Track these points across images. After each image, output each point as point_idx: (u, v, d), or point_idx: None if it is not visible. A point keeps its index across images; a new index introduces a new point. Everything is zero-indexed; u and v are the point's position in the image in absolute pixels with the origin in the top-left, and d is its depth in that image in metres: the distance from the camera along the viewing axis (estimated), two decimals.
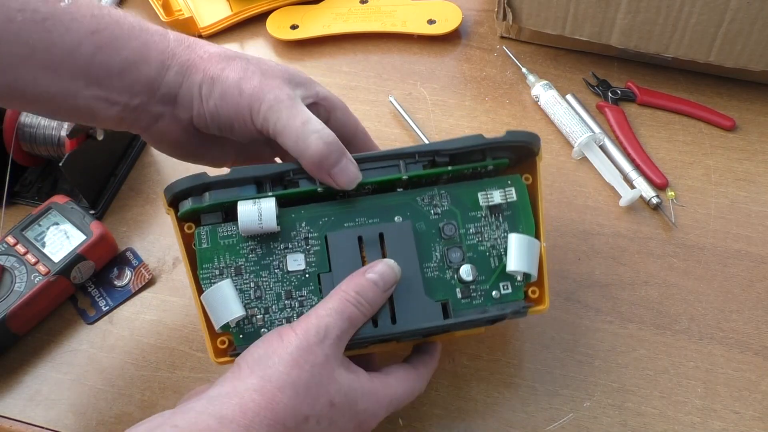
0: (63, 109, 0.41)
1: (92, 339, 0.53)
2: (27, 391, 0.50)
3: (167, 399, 0.49)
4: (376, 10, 0.69)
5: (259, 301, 0.42)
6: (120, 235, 0.57)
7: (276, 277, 0.42)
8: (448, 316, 0.41)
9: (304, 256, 0.42)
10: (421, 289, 0.42)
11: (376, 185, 0.43)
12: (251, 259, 0.42)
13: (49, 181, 0.61)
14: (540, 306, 0.42)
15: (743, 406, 0.47)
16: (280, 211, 0.42)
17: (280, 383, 0.36)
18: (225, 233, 0.42)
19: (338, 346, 0.39)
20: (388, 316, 0.41)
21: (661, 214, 0.56)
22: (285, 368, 0.37)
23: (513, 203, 0.43)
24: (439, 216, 0.43)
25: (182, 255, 0.43)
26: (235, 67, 0.41)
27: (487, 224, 0.43)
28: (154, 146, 0.46)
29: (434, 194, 0.44)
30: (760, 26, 0.54)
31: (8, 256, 0.52)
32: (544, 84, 0.62)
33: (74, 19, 0.38)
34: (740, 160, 0.58)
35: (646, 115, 0.61)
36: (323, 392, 0.37)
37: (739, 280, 0.52)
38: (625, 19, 0.58)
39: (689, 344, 0.50)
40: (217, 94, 0.41)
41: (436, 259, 0.43)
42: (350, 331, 0.39)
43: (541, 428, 0.47)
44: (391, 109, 0.63)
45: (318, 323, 0.38)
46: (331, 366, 0.38)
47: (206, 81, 0.41)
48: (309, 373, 0.37)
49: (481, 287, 0.42)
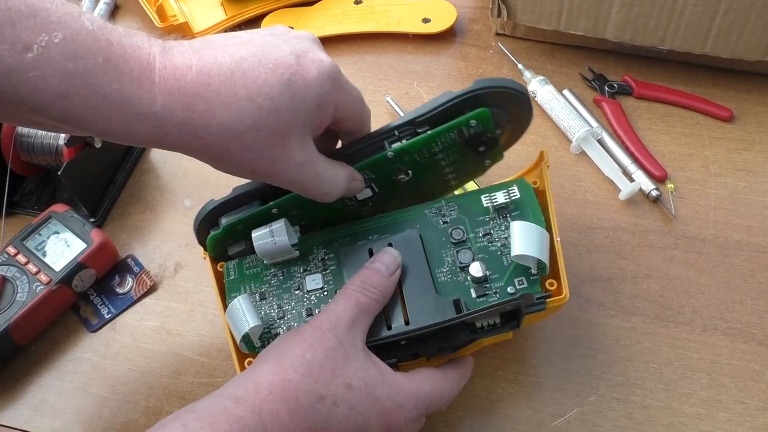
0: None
1: (95, 347, 0.53)
2: (32, 400, 0.50)
3: (172, 405, 0.49)
4: (371, 10, 0.69)
5: (282, 321, 0.43)
6: (121, 243, 0.57)
7: (297, 297, 0.43)
8: (461, 313, 0.41)
9: (322, 276, 0.44)
10: (433, 291, 0.42)
11: (367, 168, 0.44)
12: (274, 284, 0.44)
13: (48, 190, 0.61)
14: (558, 297, 0.41)
15: (748, 396, 0.47)
16: (299, 238, 0.45)
17: (294, 363, 0.37)
18: (250, 264, 0.45)
19: (352, 332, 0.39)
20: (402, 319, 0.41)
21: (661, 206, 0.56)
22: (299, 351, 0.38)
23: (518, 201, 0.43)
24: (447, 224, 0.44)
25: (216, 294, 0.45)
26: (247, 141, 0.36)
27: (495, 225, 0.44)
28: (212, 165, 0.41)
29: (442, 206, 0.45)
30: (755, 16, 0.54)
31: (9, 266, 0.52)
32: (541, 80, 0.62)
33: (41, 78, 0.32)
34: (739, 151, 0.58)
35: (644, 108, 0.61)
36: (339, 373, 0.38)
37: (740, 270, 0.52)
38: (620, 12, 0.58)
39: (693, 336, 0.50)
40: (228, 170, 0.38)
41: (448, 264, 0.43)
42: (362, 317, 0.40)
43: (546, 424, 0.47)
44: (388, 109, 0.63)
45: (329, 314, 0.39)
46: (347, 351, 0.38)
47: (214, 163, 0.38)
48: (323, 355, 0.38)
49: (496, 284, 0.42)
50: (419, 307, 0.41)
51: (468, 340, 0.43)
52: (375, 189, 0.46)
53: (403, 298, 0.42)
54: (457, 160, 0.46)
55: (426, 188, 0.47)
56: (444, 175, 0.47)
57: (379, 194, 0.46)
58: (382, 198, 0.47)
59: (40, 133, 0.56)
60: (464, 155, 0.45)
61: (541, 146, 0.59)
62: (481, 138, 0.44)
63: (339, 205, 0.45)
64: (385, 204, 0.47)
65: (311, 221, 0.46)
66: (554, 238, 0.43)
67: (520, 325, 0.42)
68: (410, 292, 0.42)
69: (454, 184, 0.48)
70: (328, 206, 0.44)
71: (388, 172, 0.45)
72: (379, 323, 0.41)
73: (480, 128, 0.43)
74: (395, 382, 0.39)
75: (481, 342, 0.44)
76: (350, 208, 0.46)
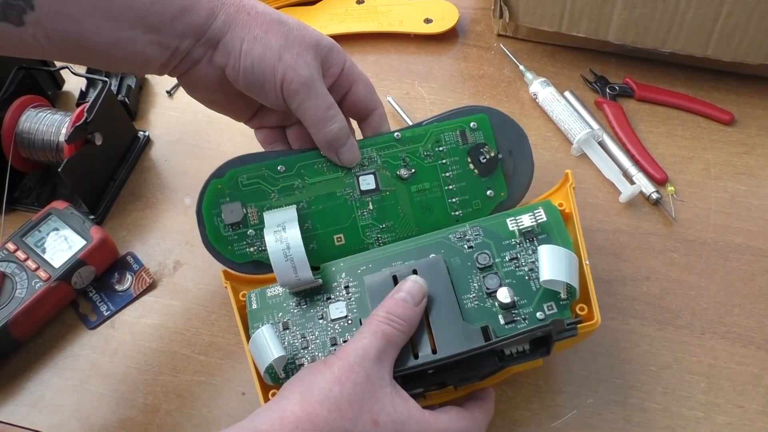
0: (121, 57, 0.43)
1: (94, 344, 0.53)
2: (30, 397, 0.50)
3: (170, 403, 0.49)
4: (373, 10, 0.69)
5: (306, 351, 0.42)
6: (120, 240, 0.57)
7: (320, 327, 0.43)
8: (489, 340, 0.40)
9: (346, 304, 0.43)
10: (460, 318, 0.41)
11: (374, 146, 0.48)
12: (297, 314, 0.44)
13: (49, 187, 0.61)
14: (590, 322, 0.40)
15: (747, 400, 0.47)
16: (322, 266, 0.45)
17: (321, 398, 0.36)
18: (272, 294, 0.45)
19: (380, 365, 0.38)
20: (429, 347, 0.40)
21: (661, 209, 0.56)
22: (327, 385, 0.37)
23: (545, 224, 0.43)
24: (473, 249, 0.44)
25: (239, 325, 0.45)
26: (278, 32, 0.44)
27: (522, 249, 0.43)
28: (188, 92, 0.48)
29: (466, 230, 0.45)
30: (756, 19, 0.54)
31: (9, 262, 0.52)
32: (542, 81, 0.62)
33: None
34: (739, 154, 0.58)
35: (645, 110, 0.61)
36: (366, 409, 0.37)
37: (740, 274, 0.52)
38: (622, 14, 0.58)
39: (691, 339, 0.50)
40: (257, 54, 0.43)
41: (475, 289, 0.42)
42: (389, 349, 0.39)
43: (545, 425, 0.47)
44: (389, 109, 0.63)
45: (355, 346, 0.39)
46: (375, 385, 0.37)
47: (249, 38, 0.44)
48: (351, 390, 0.37)
49: (524, 310, 0.41)
50: (446, 334, 0.40)
51: (497, 368, 0.41)
52: (378, 181, 0.47)
53: (430, 325, 0.41)
54: (460, 174, 0.48)
55: (426, 203, 0.48)
56: (445, 192, 0.48)
57: (380, 192, 0.47)
58: (383, 198, 0.47)
59: (40, 130, 0.56)
60: (466, 170, 0.47)
61: (542, 148, 0.59)
62: (481, 149, 0.47)
63: (340, 193, 0.47)
64: (385, 213, 0.48)
65: (313, 205, 0.47)
66: (583, 261, 0.42)
67: (551, 352, 0.41)
68: (437, 319, 0.41)
69: (455, 214, 0.48)
70: (332, 193, 0.47)
71: (393, 160, 0.47)
72: (406, 352, 0.40)
73: (480, 136, 0.46)
74: (422, 420, 0.38)
75: (510, 370, 0.43)
76: (352, 200, 0.47)
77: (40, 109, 0.58)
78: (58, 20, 0.39)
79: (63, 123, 0.57)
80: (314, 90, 0.45)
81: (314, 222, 0.47)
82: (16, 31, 0.39)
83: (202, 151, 0.62)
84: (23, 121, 0.57)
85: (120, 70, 0.55)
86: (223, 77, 0.45)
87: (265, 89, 0.45)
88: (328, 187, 0.48)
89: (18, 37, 0.39)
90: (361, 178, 0.48)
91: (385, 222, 0.47)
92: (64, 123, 0.57)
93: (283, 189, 0.47)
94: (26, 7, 0.38)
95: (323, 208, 0.47)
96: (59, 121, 0.57)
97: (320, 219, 0.47)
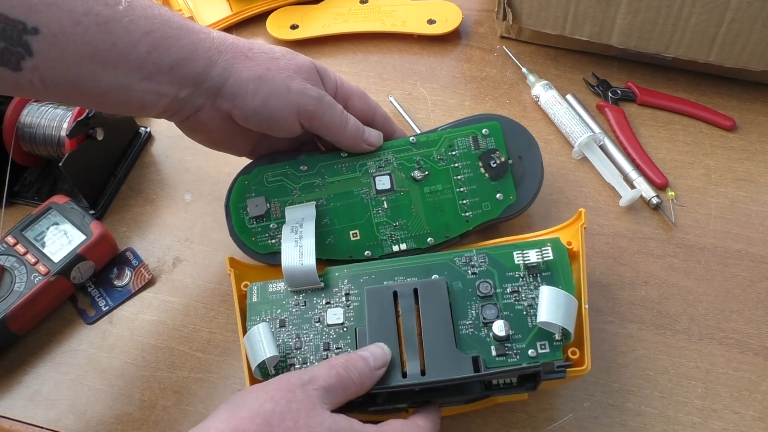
0: (116, 103, 0.44)
1: (92, 339, 0.53)
2: (27, 391, 0.50)
3: (167, 399, 0.49)
4: (376, 9, 0.69)
5: (298, 352, 0.43)
6: (120, 235, 0.57)
7: (316, 330, 0.44)
8: (478, 371, 0.41)
9: (344, 311, 0.44)
10: (453, 344, 0.41)
11: (391, 149, 0.51)
12: (295, 313, 0.45)
13: (49, 181, 0.61)
14: (580, 367, 0.41)
15: (743, 406, 0.47)
16: (325, 269, 0.47)
17: (251, 413, 0.36)
18: (273, 289, 0.46)
19: (324, 396, 0.37)
20: (418, 368, 0.41)
21: (661, 214, 0.56)
22: (258, 402, 0.36)
23: (551, 263, 0.44)
24: (476, 275, 0.44)
25: (237, 315, 0.46)
26: (278, 66, 0.46)
27: (524, 284, 0.44)
28: (188, 135, 0.50)
29: (472, 255, 0.45)
30: (760, 26, 0.54)
31: (8, 256, 0.52)
32: (544, 84, 0.62)
33: (131, 21, 0.41)
34: (740, 160, 0.58)
35: (646, 115, 0.61)
36: (302, 424, 0.36)
37: (739, 280, 0.52)
38: (625, 19, 0.58)
39: (689, 344, 0.50)
40: (265, 92, 0.45)
41: (472, 317, 0.43)
42: (338, 390, 0.38)
43: (541, 428, 0.47)
44: (391, 109, 0.63)
45: (301, 372, 0.38)
46: (314, 404, 0.37)
47: (253, 79, 0.45)
48: (285, 407, 0.36)
49: (517, 345, 0.41)
50: (437, 358, 0.41)
51: (481, 396, 0.42)
52: (393, 182, 0.50)
53: (422, 345, 0.41)
54: (471, 178, 0.49)
55: (438, 204, 0.49)
56: (456, 194, 0.49)
57: (395, 191, 0.49)
58: (397, 197, 0.49)
59: (42, 124, 0.56)
60: (478, 173, 0.49)
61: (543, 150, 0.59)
62: (492, 154, 0.50)
63: (357, 192, 0.50)
64: (399, 212, 0.49)
65: (332, 203, 0.49)
66: (582, 305, 0.42)
67: (537, 389, 0.41)
68: (429, 339, 0.42)
69: (466, 215, 0.49)
70: (349, 191, 0.49)
71: (408, 163, 0.49)
72: (394, 370, 0.41)
73: (492, 142, 0.50)
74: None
75: (494, 399, 0.43)
76: (368, 199, 0.50)
77: (42, 104, 0.58)
78: (55, 67, 0.39)
79: (65, 118, 0.57)
80: (327, 104, 0.48)
81: (332, 218, 0.49)
82: (12, 75, 0.39)
83: (203, 148, 0.61)
84: (25, 115, 0.57)
85: (117, 113, 0.56)
86: (227, 119, 0.47)
87: (279, 122, 0.47)
88: (346, 186, 0.50)
89: (14, 81, 0.39)
90: (377, 179, 0.50)
91: (398, 220, 0.49)
92: (65, 118, 0.57)
93: (305, 187, 0.50)
94: (25, 54, 0.38)
95: (341, 206, 0.50)
96: (61, 115, 0.57)
97: (338, 215, 0.50)
